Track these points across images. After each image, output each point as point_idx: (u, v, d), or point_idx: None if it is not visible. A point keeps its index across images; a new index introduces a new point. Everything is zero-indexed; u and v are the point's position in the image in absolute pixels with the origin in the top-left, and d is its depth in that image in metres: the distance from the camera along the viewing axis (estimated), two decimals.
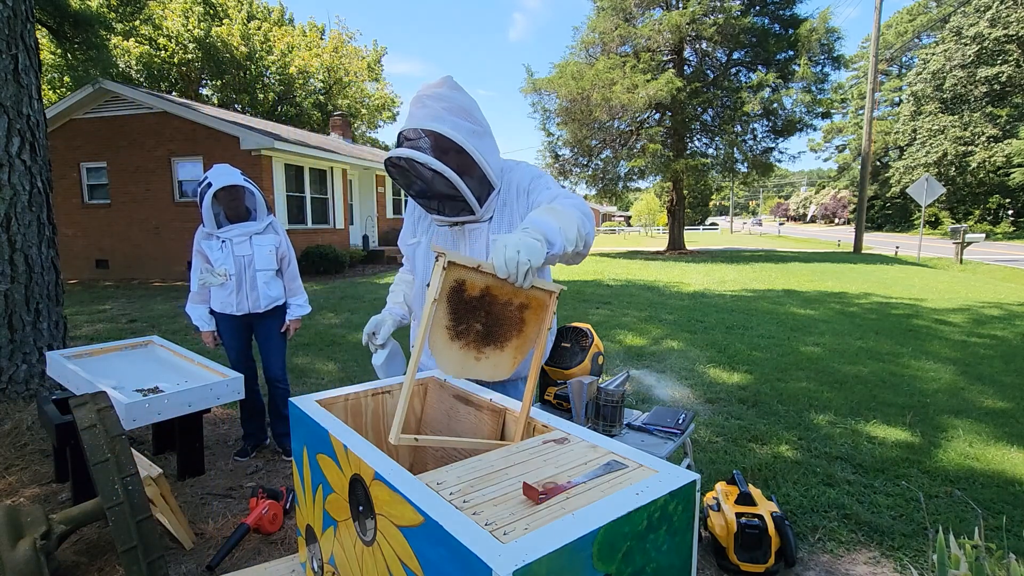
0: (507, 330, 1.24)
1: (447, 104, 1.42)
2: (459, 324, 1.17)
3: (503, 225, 1.57)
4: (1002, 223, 34.69)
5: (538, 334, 1.26)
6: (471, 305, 1.18)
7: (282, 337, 3.19)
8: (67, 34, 8.50)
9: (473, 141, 1.43)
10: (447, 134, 1.39)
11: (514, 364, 1.27)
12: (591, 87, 17.24)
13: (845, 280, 11.72)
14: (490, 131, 1.50)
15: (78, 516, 1.93)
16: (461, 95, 1.46)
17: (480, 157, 1.44)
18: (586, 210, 1.40)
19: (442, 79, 1.49)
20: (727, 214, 74.71)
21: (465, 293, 1.17)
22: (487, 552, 0.72)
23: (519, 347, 1.25)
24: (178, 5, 24.73)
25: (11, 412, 3.58)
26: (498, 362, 1.24)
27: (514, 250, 1.13)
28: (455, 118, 1.41)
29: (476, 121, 1.45)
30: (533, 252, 1.13)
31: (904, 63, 48.99)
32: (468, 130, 1.42)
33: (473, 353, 1.21)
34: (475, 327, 1.20)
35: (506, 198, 1.58)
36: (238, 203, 2.97)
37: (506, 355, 1.24)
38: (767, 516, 2.18)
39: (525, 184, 1.57)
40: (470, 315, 1.19)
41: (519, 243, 1.13)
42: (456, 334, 1.18)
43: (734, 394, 4.32)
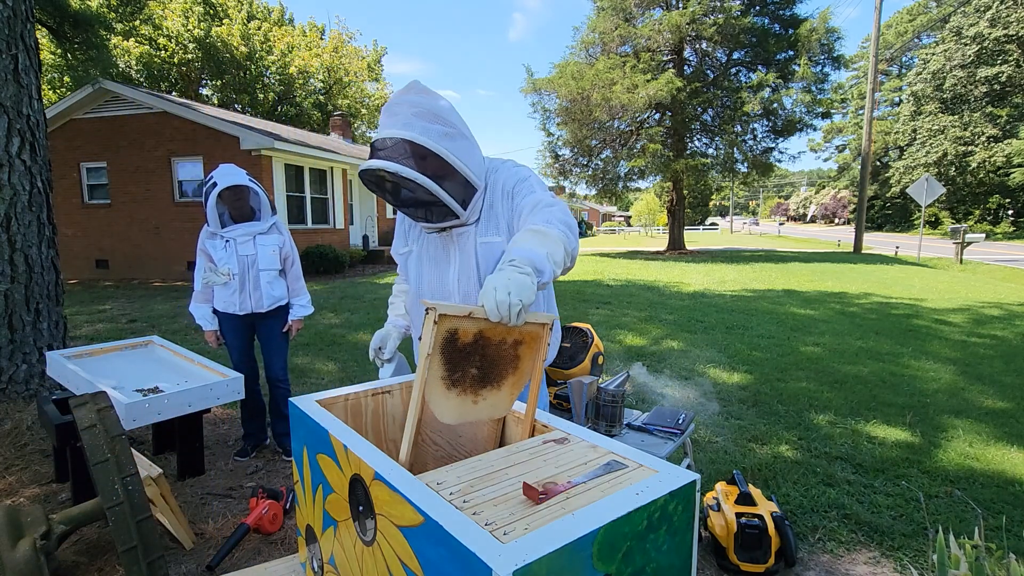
0: (502, 369, 1.22)
1: (416, 109, 1.39)
2: (454, 373, 1.15)
3: (490, 227, 1.55)
4: (1002, 223, 34.70)
5: (533, 366, 1.25)
6: (465, 352, 1.16)
7: (284, 337, 3.19)
8: (67, 34, 8.50)
9: (445, 143, 1.39)
10: (416, 140, 1.36)
11: (512, 400, 1.26)
12: (591, 87, 17.23)
13: (845, 280, 11.72)
14: (465, 132, 1.46)
15: (78, 516, 1.93)
16: (429, 99, 1.42)
17: (455, 159, 1.41)
18: (570, 222, 1.37)
19: (409, 84, 1.46)
20: (727, 214, 74.68)
21: (458, 342, 1.14)
22: (487, 552, 0.72)
23: (516, 383, 1.25)
24: (178, 5, 24.72)
25: (11, 412, 3.58)
26: (496, 401, 1.23)
27: (504, 292, 1.09)
28: (424, 122, 1.38)
29: (447, 123, 1.41)
30: (524, 290, 1.10)
31: (904, 63, 49.00)
32: (439, 133, 1.39)
33: (471, 398, 1.19)
34: (470, 372, 1.18)
35: (492, 199, 1.56)
36: (243, 203, 2.99)
37: (503, 393, 1.23)
38: (767, 516, 2.18)
39: (509, 186, 1.54)
40: (464, 362, 1.16)
41: (508, 283, 1.09)
42: (452, 383, 1.16)
43: (734, 394, 4.32)
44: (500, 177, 1.56)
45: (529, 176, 1.57)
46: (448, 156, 1.39)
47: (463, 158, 1.43)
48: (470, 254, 1.57)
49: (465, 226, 1.56)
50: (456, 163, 1.41)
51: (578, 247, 1.37)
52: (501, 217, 1.55)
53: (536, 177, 1.57)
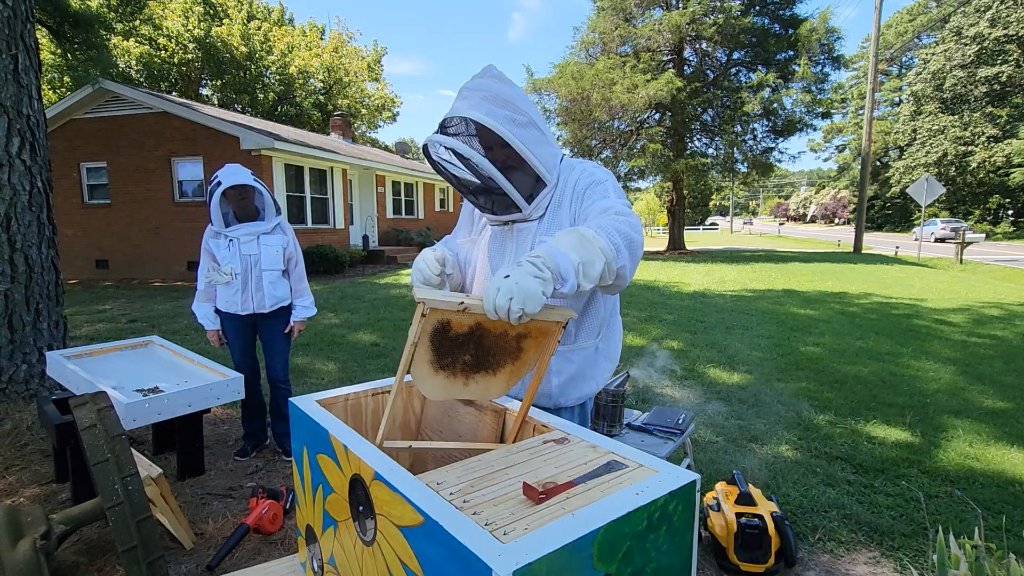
0: (500, 359, 1.18)
1: (487, 93, 1.34)
2: (443, 359, 1.12)
3: (553, 227, 1.44)
4: (1002, 223, 34.70)
5: (538, 359, 1.21)
6: (458, 341, 1.13)
7: (286, 338, 3.19)
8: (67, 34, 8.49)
9: (511, 129, 1.31)
10: (480, 119, 1.30)
11: (508, 386, 1.23)
12: (591, 87, 17.24)
13: (845, 280, 11.72)
14: (539, 122, 1.38)
15: (78, 516, 1.93)
16: (503, 85, 1.37)
17: (521, 146, 1.32)
18: (634, 236, 1.20)
19: (484, 68, 1.42)
20: (727, 214, 74.71)
21: (451, 332, 1.11)
22: (487, 552, 0.72)
23: (514, 372, 1.21)
24: (178, 5, 24.72)
25: (11, 412, 3.58)
26: (489, 385, 1.20)
27: (506, 297, 1.00)
28: (491, 105, 1.32)
29: (518, 110, 1.34)
30: (529, 299, 1.00)
31: (904, 63, 48.99)
32: (505, 118, 1.31)
33: (461, 380, 1.17)
34: (462, 359, 1.15)
35: (560, 199, 1.44)
36: (247, 202, 3.00)
37: (499, 379, 1.21)
38: (767, 516, 2.18)
39: (582, 187, 1.41)
40: (457, 349, 1.13)
41: (513, 287, 1.01)
42: (440, 367, 1.13)
43: (734, 394, 4.32)
44: (573, 176, 1.45)
45: (606, 180, 1.42)
46: (513, 141, 1.31)
47: (531, 148, 1.35)
48: (526, 252, 1.43)
49: (527, 222, 1.46)
50: (522, 151, 1.33)
51: (632, 267, 1.21)
52: (566, 219, 1.43)
53: (614, 182, 1.43)
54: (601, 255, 1.11)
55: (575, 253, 1.09)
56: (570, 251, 1.09)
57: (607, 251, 1.12)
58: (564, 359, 1.45)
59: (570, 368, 1.46)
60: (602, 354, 1.52)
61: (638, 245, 1.20)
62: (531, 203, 1.41)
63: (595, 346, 1.49)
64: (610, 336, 1.54)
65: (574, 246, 1.10)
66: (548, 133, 1.42)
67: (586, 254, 1.10)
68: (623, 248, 1.16)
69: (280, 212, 3.14)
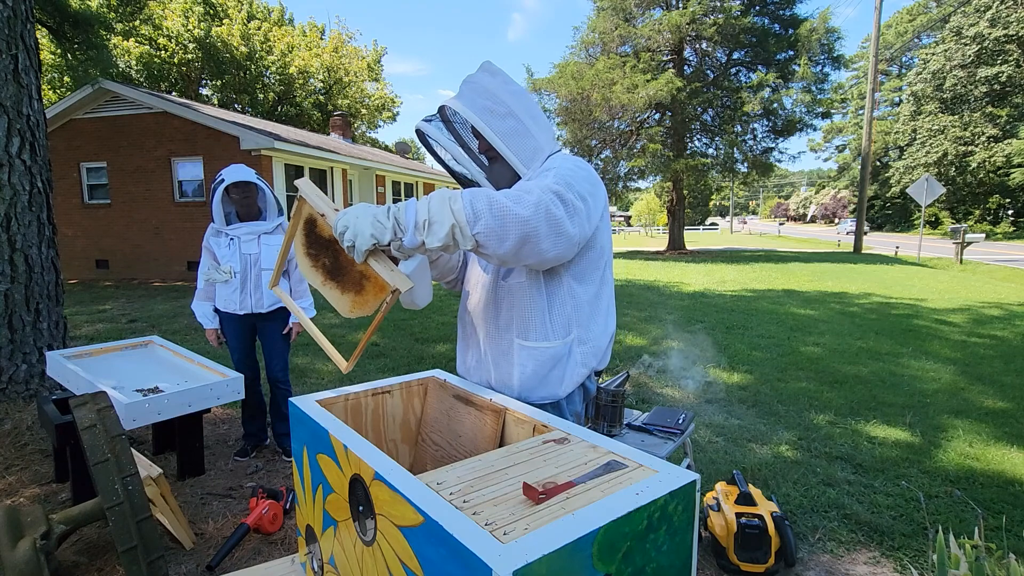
0: (347, 282, 1.29)
1: (474, 85, 1.38)
2: (311, 248, 1.33)
3: None
4: (1002, 223, 34.69)
5: (375, 309, 1.25)
6: (321, 242, 1.30)
7: (285, 338, 3.19)
8: (67, 34, 8.49)
9: (486, 118, 1.33)
10: (454, 107, 1.36)
11: (350, 311, 1.29)
12: (591, 87, 17.24)
13: (845, 280, 11.72)
14: (518, 114, 1.38)
15: (78, 516, 1.93)
16: (492, 78, 1.39)
17: (493, 136, 1.34)
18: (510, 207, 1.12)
19: (482, 64, 1.45)
20: (727, 214, 74.67)
21: (316, 229, 1.30)
22: (487, 552, 0.72)
23: (356, 303, 1.29)
24: (178, 5, 24.72)
25: (11, 412, 3.58)
26: (338, 299, 1.31)
27: (344, 222, 1.12)
28: (473, 96, 1.36)
29: (498, 101, 1.35)
30: (358, 235, 1.11)
31: (904, 63, 48.99)
32: (482, 107, 1.34)
33: (320, 276, 1.33)
34: (323, 259, 1.32)
35: None
36: (250, 201, 3.00)
37: (345, 299, 1.30)
38: (767, 516, 2.18)
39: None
40: (319, 248, 1.31)
41: (353, 219, 1.12)
42: (307, 253, 1.34)
43: (734, 394, 4.32)
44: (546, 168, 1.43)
45: (558, 167, 1.32)
46: (484, 129, 1.33)
47: (505, 139, 1.36)
48: None
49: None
50: (493, 140, 1.35)
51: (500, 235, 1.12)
52: None
53: (566, 172, 1.29)
54: (451, 216, 1.11)
55: (426, 210, 1.12)
56: (423, 207, 1.13)
57: (459, 214, 1.11)
58: (527, 354, 1.40)
59: (533, 364, 1.40)
60: (576, 358, 1.42)
61: (513, 218, 1.12)
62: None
63: (567, 347, 1.40)
64: (588, 338, 1.43)
65: (431, 203, 1.13)
66: (535, 127, 1.40)
67: (437, 213, 1.11)
68: (485, 215, 1.11)
69: (283, 212, 3.15)
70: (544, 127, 1.43)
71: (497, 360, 1.45)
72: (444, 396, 1.52)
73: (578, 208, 1.23)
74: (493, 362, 1.47)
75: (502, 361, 1.44)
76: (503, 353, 1.44)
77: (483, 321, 1.47)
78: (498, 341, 1.45)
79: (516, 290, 1.40)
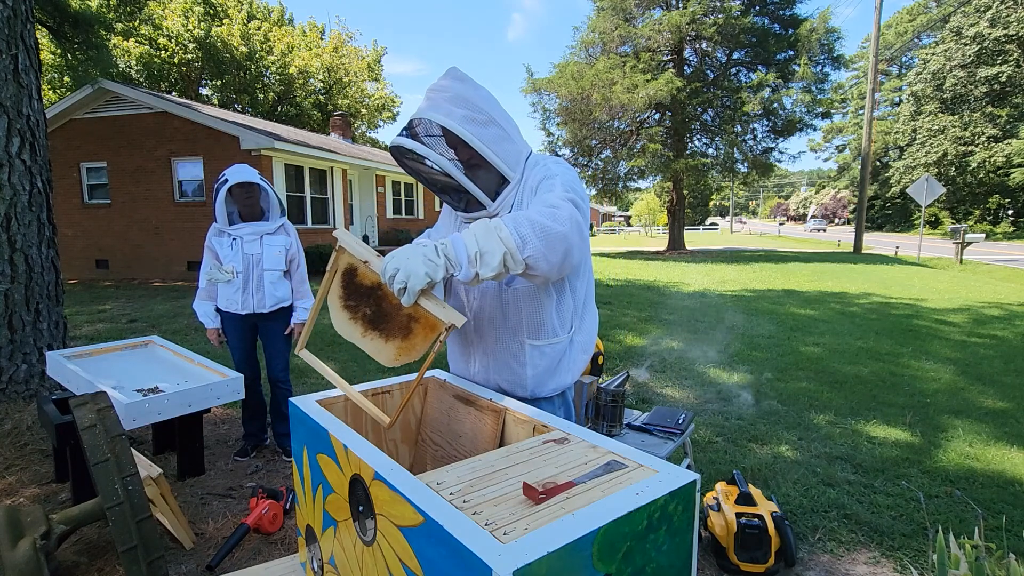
0: (392, 328, 1.25)
1: (447, 94, 1.37)
2: (349, 300, 1.27)
3: None
4: (1002, 223, 34.69)
5: (426, 350, 1.23)
6: (361, 291, 1.25)
7: (286, 338, 3.19)
8: (67, 34, 8.49)
9: (470, 128, 1.34)
10: (437, 120, 1.34)
11: (396, 359, 1.27)
12: (591, 87, 17.23)
13: (845, 280, 11.72)
14: (500, 120, 1.40)
15: (78, 516, 1.93)
16: (464, 85, 1.39)
17: (479, 144, 1.35)
18: (551, 227, 1.18)
19: (447, 71, 1.45)
20: (727, 214, 74.64)
21: (357, 278, 1.25)
22: (487, 552, 0.72)
23: (403, 349, 1.25)
24: (178, 5, 24.71)
25: (11, 412, 3.58)
26: (380, 349, 1.27)
27: (395, 265, 1.10)
28: (450, 106, 1.35)
29: (476, 109, 1.37)
30: (412, 276, 1.09)
31: (904, 63, 48.98)
32: (463, 117, 1.34)
33: (360, 328, 1.27)
34: (363, 310, 1.26)
35: (522, 196, 1.46)
36: (253, 202, 3.01)
37: (389, 348, 1.26)
38: (767, 516, 2.18)
39: (535, 183, 1.43)
40: (360, 298, 1.25)
41: (404, 261, 1.10)
42: (346, 306, 1.27)
43: (734, 394, 4.32)
44: (535, 173, 1.45)
45: (558, 175, 1.38)
46: (471, 140, 1.34)
47: (491, 145, 1.38)
48: None
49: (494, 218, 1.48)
50: (481, 148, 1.36)
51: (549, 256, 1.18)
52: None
53: (567, 176, 1.39)
54: (501, 245, 1.14)
55: (474, 243, 1.14)
56: (470, 240, 1.14)
57: (508, 241, 1.14)
58: (538, 352, 1.46)
59: (544, 361, 1.47)
60: (578, 346, 1.53)
61: (556, 236, 1.18)
62: (495, 200, 1.43)
63: (569, 339, 1.50)
64: (584, 327, 1.54)
65: (477, 235, 1.15)
66: (511, 131, 1.43)
67: (486, 244, 1.14)
68: (531, 238, 1.16)
69: (284, 212, 3.15)
70: (515, 127, 1.47)
71: (507, 363, 1.47)
72: (444, 396, 1.52)
73: (587, 214, 1.33)
74: (503, 365, 1.48)
75: (512, 363, 1.47)
76: (513, 355, 1.47)
77: (490, 328, 1.48)
78: (508, 344, 1.47)
79: (523, 294, 1.43)
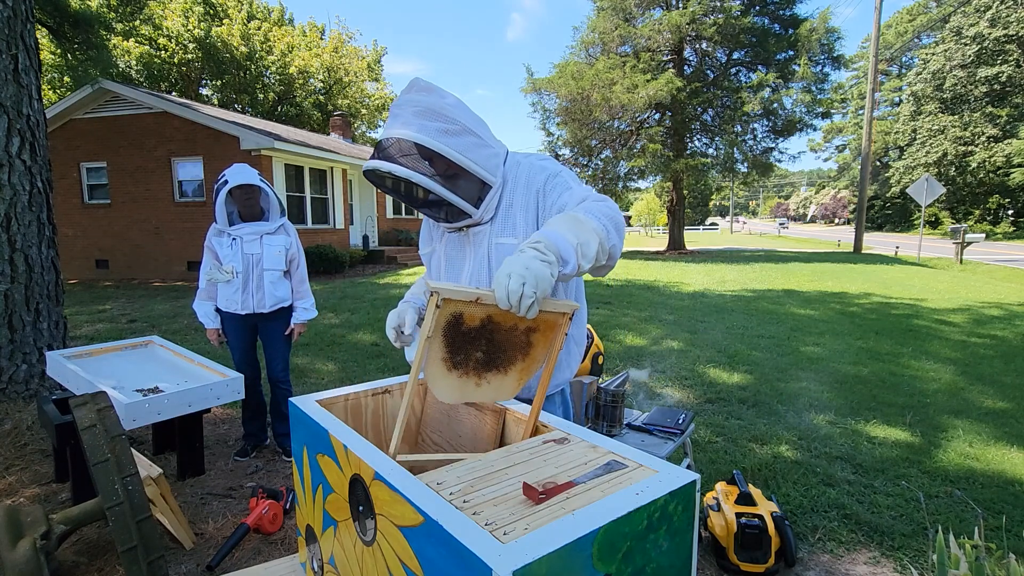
0: (511, 355, 1.17)
1: (416, 108, 1.35)
2: (456, 355, 1.11)
3: (506, 228, 1.46)
4: (1002, 223, 34.70)
5: (547, 355, 1.20)
6: (470, 336, 1.11)
7: (286, 338, 3.20)
8: (67, 34, 8.50)
9: (445, 140, 1.33)
10: (411, 138, 1.31)
11: (519, 386, 1.23)
12: (591, 87, 17.23)
13: (845, 280, 11.72)
14: (473, 127, 1.39)
15: (78, 516, 1.93)
16: (431, 96, 1.37)
17: (458, 155, 1.34)
18: (617, 217, 1.25)
19: (411, 83, 1.41)
20: (727, 214, 74.64)
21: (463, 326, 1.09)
22: (487, 552, 0.72)
23: (525, 369, 1.21)
24: (178, 5, 24.72)
25: (11, 412, 3.58)
26: (501, 386, 1.20)
27: (518, 281, 1.01)
28: (422, 120, 1.33)
29: (449, 119, 1.35)
30: (540, 281, 1.02)
31: (904, 63, 48.98)
32: (437, 130, 1.33)
33: (473, 380, 1.16)
34: (475, 355, 1.14)
35: (511, 197, 1.44)
36: (253, 202, 3.02)
37: (510, 378, 1.20)
38: (767, 516, 2.18)
39: (538, 183, 1.42)
40: (469, 345, 1.12)
41: (524, 272, 1.02)
42: (454, 364, 1.12)
43: (734, 394, 4.32)
44: (522, 173, 1.44)
45: (561, 171, 1.41)
46: (449, 152, 1.33)
47: (469, 154, 1.36)
48: (484, 254, 1.49)
49: (480, 225, 1.48)
50: (460, 159, 1.34)
51: (620, 246, 1.26)
52: (520, 217, 1.44)
53: (568, 171, 1.42)
54: (595, 235, 1.16)
55: (572, 235, 1.13)
56: (567, 233, 1.13)
57: (599, 231, 1.17)
58: None
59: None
60: (572, 340, 1.55)
61: (622, 225, 1.26)
62: (479, 207, 1.42)
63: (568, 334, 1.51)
64: (576, 321, 1.55)
65: (571, 228, 1.14)
66: (486, 135, 1.42)
67: (583, 235, 1.14)
68: (611, 229, 1.21)
69: (284, 213, 3.16)
70: (488, 130, 1.45)
71: None
72: None
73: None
74: None
75: None
76: None
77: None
78: None
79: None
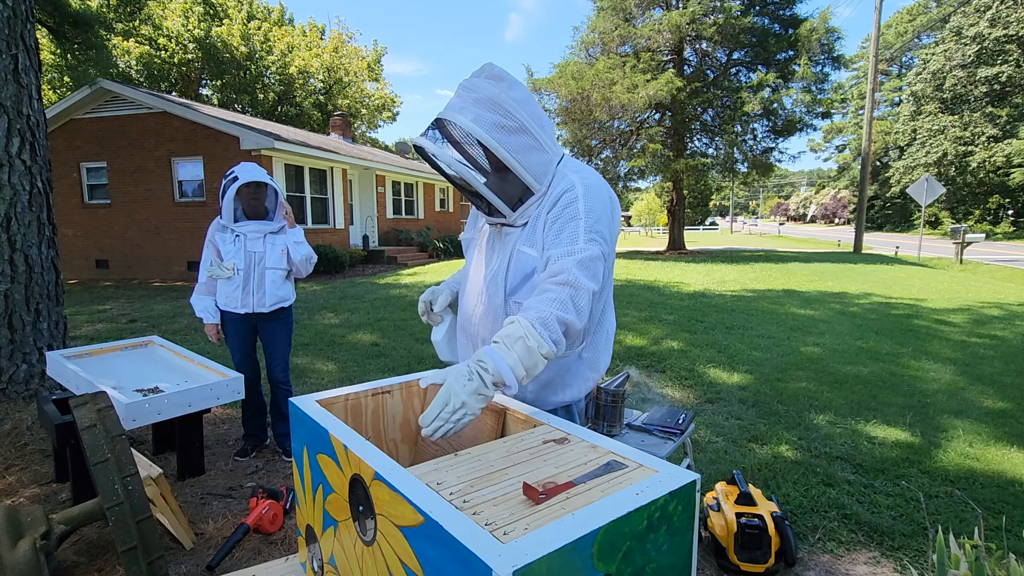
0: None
1: (479, 95, 1.30)
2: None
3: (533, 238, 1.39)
4: (1002, 223, 34.70)
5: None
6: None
7: (286, 339, 3.20)
8: (67, 34, 8.50)
9: (497, 136, 1.28)
10: (462, 125, 1.27)
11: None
12: (591, 87, 17.23)
13: (845, 280, 11.71)
14: (531, 128, 1.33)
15: (78, 516, 1.93)
16: (496, 85, 1.32)
17: (506, 155, 1.29)
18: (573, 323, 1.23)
19: (483, 66, 1.37)
20: (727, 214, 74.63)
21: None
22: (487, 552, 0.72)
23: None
24: (178, 5, 24.72)
25: (11, 412, 3.58)
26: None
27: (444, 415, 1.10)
28: (480, 109, 1.28)
29: (508, 115, 1.29)
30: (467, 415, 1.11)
31: (904, 63, 48.98)
32: (492, 123, 1.27)
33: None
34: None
35: (541, 209, 1.37)
36: (259, 201, 3.03)
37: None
38: (767, 516, 2.18)
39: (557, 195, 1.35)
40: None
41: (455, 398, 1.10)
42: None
43: (734, 394, 4.32)
44: (561, 186, 1.36)
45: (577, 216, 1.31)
46: (498, 149, 1.28)
47: (519, 155, 1.31)
48: (506, 258, 1.44)
49: (513, 227, 1.43)
50: (507, 159, 1.30)
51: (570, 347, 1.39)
52: (538, 232, 1.38)
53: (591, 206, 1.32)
54: (544, 360, 1.20)
55: (521, 367, 1.17)
56: (517, 366, 1.16)
57: (549, 355, 1.21)
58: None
59: (547, 375, 1.42)
60: (586, 363, 1.48)
61: (574, 331, 1.26)
62: (516, 210, 1.38)
63: (577, 354, 1.46)
64: (595, 344, 1.49)
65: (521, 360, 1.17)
66: (543, 138, 1.36)
67: (530, 364, 1.18)
68: (561, 339, 1.23)
69: (287, 213, 3.16)
70: (550, 133, 1.41)
71: None
72: None
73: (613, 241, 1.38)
74: None
75: None
76: None
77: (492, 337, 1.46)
78: None
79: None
